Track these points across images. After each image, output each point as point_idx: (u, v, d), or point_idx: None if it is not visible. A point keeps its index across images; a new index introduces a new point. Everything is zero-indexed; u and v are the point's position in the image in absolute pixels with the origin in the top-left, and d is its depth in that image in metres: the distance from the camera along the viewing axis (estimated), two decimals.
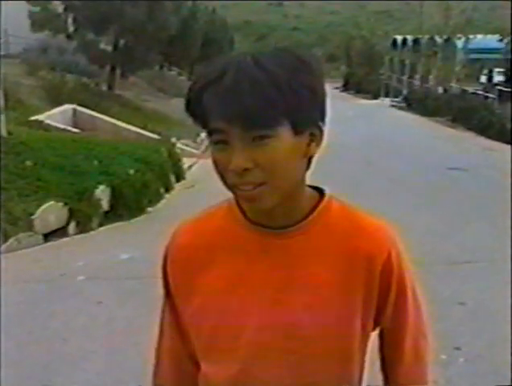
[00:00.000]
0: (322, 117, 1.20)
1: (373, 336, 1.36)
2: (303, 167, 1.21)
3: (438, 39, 31.90)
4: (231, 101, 1.09)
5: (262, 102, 1.09)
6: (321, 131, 1.19)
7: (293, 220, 1.24)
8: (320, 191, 1.29)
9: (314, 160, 1.25)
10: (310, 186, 1.28)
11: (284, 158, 1.13)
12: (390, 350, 1.36)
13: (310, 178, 1.28)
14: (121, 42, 21.30)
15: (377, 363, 1.41)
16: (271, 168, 1.13)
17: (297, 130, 1.14)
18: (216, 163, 1.16)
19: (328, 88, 1.30)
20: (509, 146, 17.14)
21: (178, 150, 12.32)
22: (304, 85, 1.13)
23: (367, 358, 1.34)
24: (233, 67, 1.11)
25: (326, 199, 1.27)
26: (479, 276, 6.02)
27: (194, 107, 1.15)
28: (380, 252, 1.24)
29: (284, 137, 1.13)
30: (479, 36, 30.86)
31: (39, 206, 7.06)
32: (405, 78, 37.13)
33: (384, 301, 1.28)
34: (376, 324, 1.31)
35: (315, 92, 1.16)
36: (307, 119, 1.16)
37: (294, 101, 1.12)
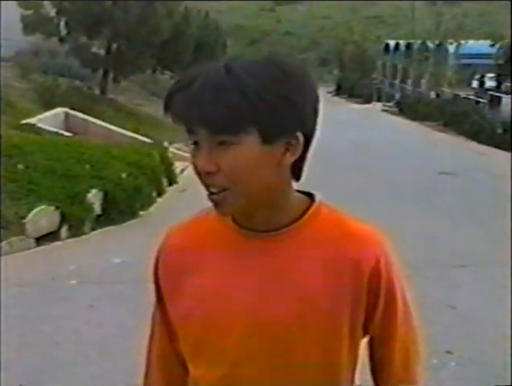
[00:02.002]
0: (301, 127, 1.19)
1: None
2: (278, 176, 1.20)
3: (430, 44, 32.06)
4: (194, 108, 1.12)
5: (224, 110, 1.10)
6: (298, 141, 1.18)
7: (281, 224, 1.24)
8: (311, 196, 1.29)
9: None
10: (300, 192, 1.28)
11: (248, 165, 1.14)
12: (379, 358, 1.36)
13: (300, 183, 1.29)
14: (114, 46, 21.32)
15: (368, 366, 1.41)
16: (233, 174, 1.14)
17: (266, 139, 1.14)
18: (192, 164, 1.19)
19: (321, 92, 1.30)
20: (499, 151, 17.24)
21: (170, 154, 12.32)
22: (277, 95, 1.13)
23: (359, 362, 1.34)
24: (203, 74, 1.14)
25: (315, 204, 1.27)
26: (470, 280, 6.04)
27: (167, 110, 1.18)
28: (368, 259, 1.24)
29: (249, 145, 1.13)
30: (470, 41, 31.04)
31: (30, 209, 7.04)
32: (397, 82, 37.29)
33: (373, 308, 1.27)
34: (365, 331, 1.30)
35: (291, 102, 1.15)
36: (280, 128, 1.15)
37: (262, 110, 1.12)
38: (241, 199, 1.16)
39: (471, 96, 26.46)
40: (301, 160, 1.22)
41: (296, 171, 1.24)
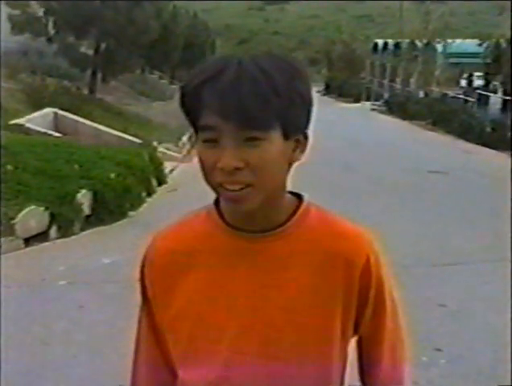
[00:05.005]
0: (308, 124, 1.21)
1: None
2: (286, 172, 1.21)
3: (418, 43, 32.15)
4: (230, 98, 1.09)
5: (260, 103, 1.09)
6: (306, 138, 1.21)
7: (272, 225, 1.24)
8: (299, 197, 1.29)
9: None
10: (289, 192, 1.28)
11: (274, 161, 1.14)
12: (367, 357, 1.37)
13: (289, 181, 1.29)
14: (103, 45, 21.23)
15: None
16: (261, 170, 1.13)
17: (286, 135, 1.15)
18: (202, 161, 1.15)
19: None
20: (488, 149, 17.35)
21: (159, 154, 12.30)
22: (297, 91, 1.15)
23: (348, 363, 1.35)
24: (234, 65, 1.11)
25: (304, 204, 1.27)
26: (459, 277, 6.07)
27: (190, 102, 1.14)
28: (359, 257, 1.25)
29: (275, 141, 1.13)
30: (458, 40, 31.17)
31: (19, 210, 7.00)
32: (386, 82, 37.38)
33: (363, 306, 1.28)
34: (355, 330, 1.31)
35: (305, 99, 1.17)
36: (297, 125, 1.18)
37: (287, 106, 1.13)
38: (262, 195, 1.15)
39: (459, 95, 26.59)
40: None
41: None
